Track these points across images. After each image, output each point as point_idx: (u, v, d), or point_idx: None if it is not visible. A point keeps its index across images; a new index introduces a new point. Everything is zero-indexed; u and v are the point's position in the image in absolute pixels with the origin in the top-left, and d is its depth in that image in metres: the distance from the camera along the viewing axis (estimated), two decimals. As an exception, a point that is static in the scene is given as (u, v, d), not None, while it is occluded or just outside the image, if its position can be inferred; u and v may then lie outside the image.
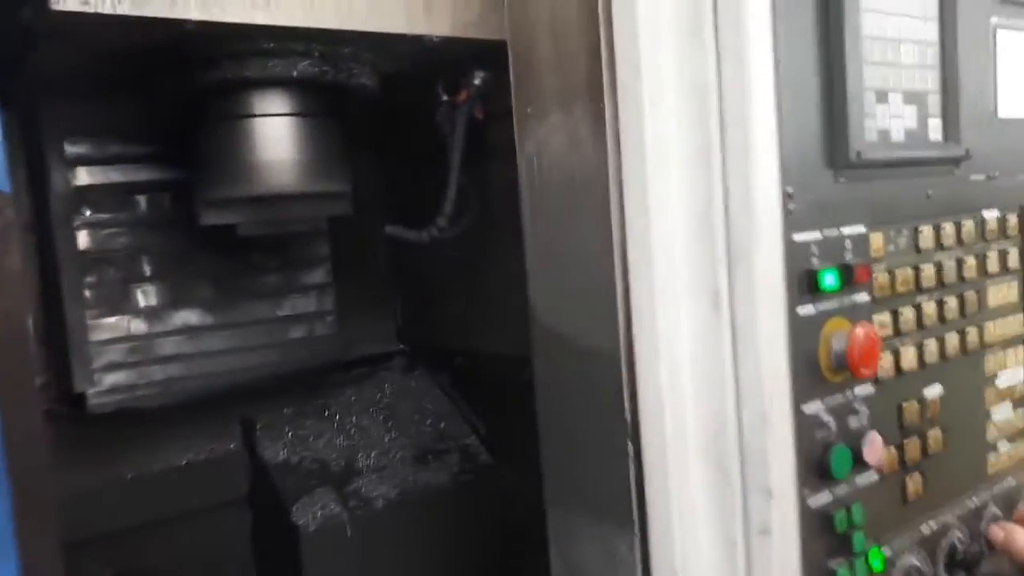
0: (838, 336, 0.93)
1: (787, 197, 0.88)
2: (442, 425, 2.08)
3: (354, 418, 2.04)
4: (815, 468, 0.93)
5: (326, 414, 2.01)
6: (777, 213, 0.89)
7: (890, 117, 1.02)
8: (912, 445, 1.07)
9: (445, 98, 1.48)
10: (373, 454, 1.97)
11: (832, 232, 0.95)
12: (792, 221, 0.90)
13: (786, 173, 0.89)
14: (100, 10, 1.02)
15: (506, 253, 1.74)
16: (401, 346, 2.20)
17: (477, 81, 1.41)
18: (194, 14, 1.08)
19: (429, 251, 1.66)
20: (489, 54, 1.41)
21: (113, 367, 1.60)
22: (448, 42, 1.31)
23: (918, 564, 1.04)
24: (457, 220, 1.48)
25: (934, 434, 1.12)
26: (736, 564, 0.93)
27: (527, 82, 1.12)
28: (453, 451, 2.02)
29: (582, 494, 1.10)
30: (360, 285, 2.09)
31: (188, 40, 1.18)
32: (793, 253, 0.90)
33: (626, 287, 0.96)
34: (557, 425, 1.16)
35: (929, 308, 1.09)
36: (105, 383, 1.59)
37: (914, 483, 1.07)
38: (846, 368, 0.93)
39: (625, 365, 0.99)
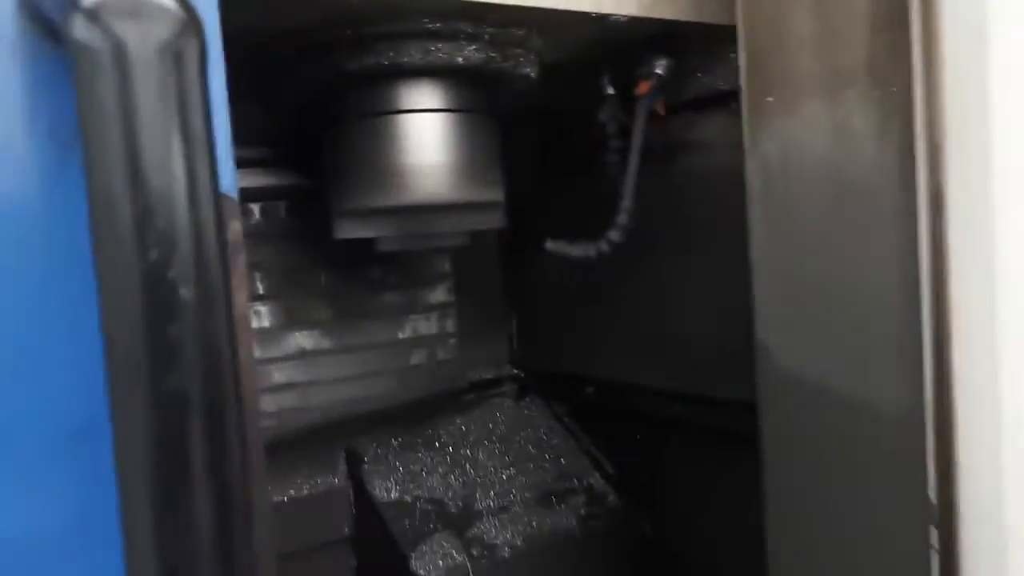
0: None
1: None
2: (563, 461, 1.87)
3: (467, 451, 1.84)
4: None
5: (436, 446, 1.82)
6: None
7: None
8: None
9: (611, 91, 1.27)
10: (492, 493, 1.77)
11: None
12: None
13: None
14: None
15: (654, 272, 1.55)
16: (514, 371, 2.00)
17: (659, 70, 1.19)
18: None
19: (551, 268, 1.46)
20: (666, 39, 1.20)
21: (222, 397, 1.42)
22: (632, 23, 1.10)
23: None
24: (627, 233, 1.26)
25: None
26: None
27: (766, 66, 0.90)
28: (578, 491, 1.81)
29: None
30: (476, 305, 1.90)
31: (343, 19, 0.99)
32: None
33: (940, 329, 0.73)
34: (798, 496, 0.92)
35: None
36: (213, 415, 1.41)
37: None
38: None
39: (933, 429, 0.76)
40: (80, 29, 0.48)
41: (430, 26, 1.02)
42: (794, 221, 0.88)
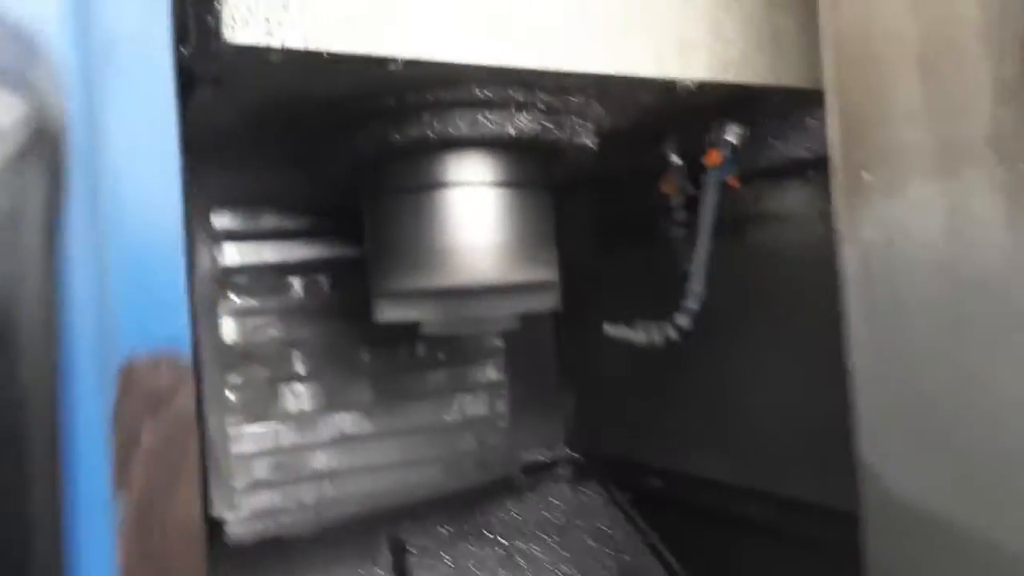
0: None
1: None
2: (626, 558, 1.71)
3: (521, 544, 1.70)
4: None
5: (488, 537, 1.69)
6: None
7: None
8: None
9: (677, 161, 1.16)
10: (549, 592, 1.62)
11: None
12: None
13: None
14: (288, 44, 0.75)
15: (727, 356, 1.41)
16: (570, 453, 1.86)
17: (731, 138, 1.08)
18: (406, 50, 0.80)
19: (609, 342, 1.33)
20: (739, 103, 1.09)
21: (257, 487, 1.32)
22: (703, 88, 0.99)
23: None
24: (695, 317, 1.13)
25: None
26: None
27: (864, 137, 0.78)
28: (644, 594, 1.65)
29: None
30: (529, 383, 1.78)
31: (385, 87, 0.91)
32: None
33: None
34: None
35: None
36: (246, 508, 1.31)
37: None
38: None
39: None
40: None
41: (479, 94, 0.93)
42: (903, 323, 0.74)
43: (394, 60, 0.80)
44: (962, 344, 0.69)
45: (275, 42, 0.74)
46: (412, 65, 0.82)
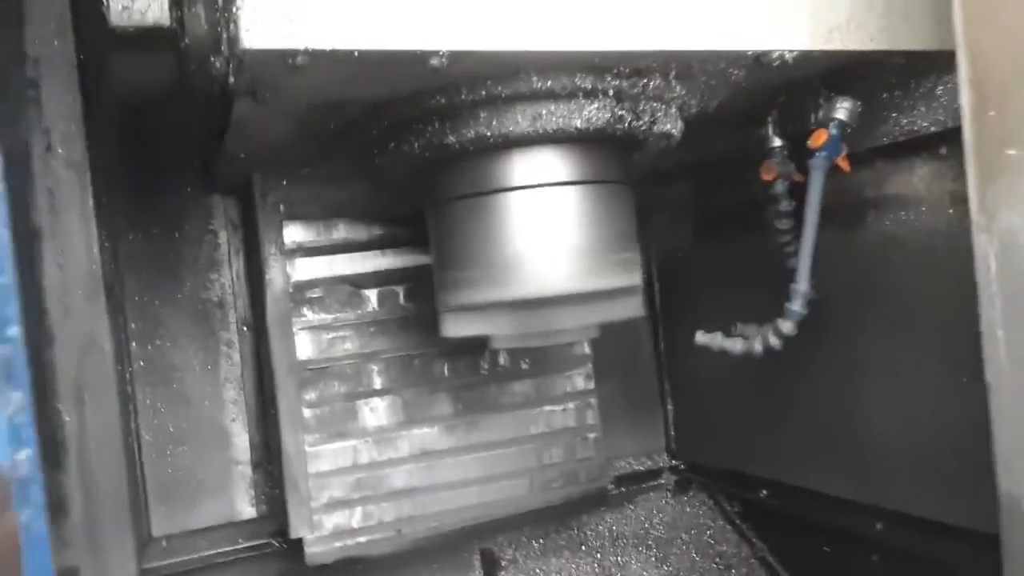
0: None
1: None
2: (733, 573, 1.58)
3: (617, 558, 1.60)
4: None
5: (583, 549, 1.60)
6: None
7: None
8: None
9: (779, 143, 1.02)
10: (645, 611, 1.51)
11: None
12: None
13: None
14: (312, 46, 0.67)
15: (843, 359, 1.23)
16: (672, 462, 1.74)
17: (840, 114, 0.93)
18: (446, 42, 0.71)
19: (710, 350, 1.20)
20: (848, 74, 0.94)
21: (336, 506, 1.28)
22: (801, 59, 0.85)
23: None
24: (801, 318, 0.99)
25: None
26: None
27: (1006, 106, 0.63)
28: (754, 610, 1.52)
29: None
30: (623, 388, 1.67)
31: (433, 84, 0.82)
32: None
33: None
34: None
35: None
36: (327, 527, 1.27)
37: None
38: None
39: None
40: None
41: (539, 85, 0.82)
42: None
43: (436, 53, 0.71)
44: None
45: (297, 44, 0.66)
46: (458, 58, 0.72)
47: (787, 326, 0.97)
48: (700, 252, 1.53)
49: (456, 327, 1.00)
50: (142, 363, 1.31)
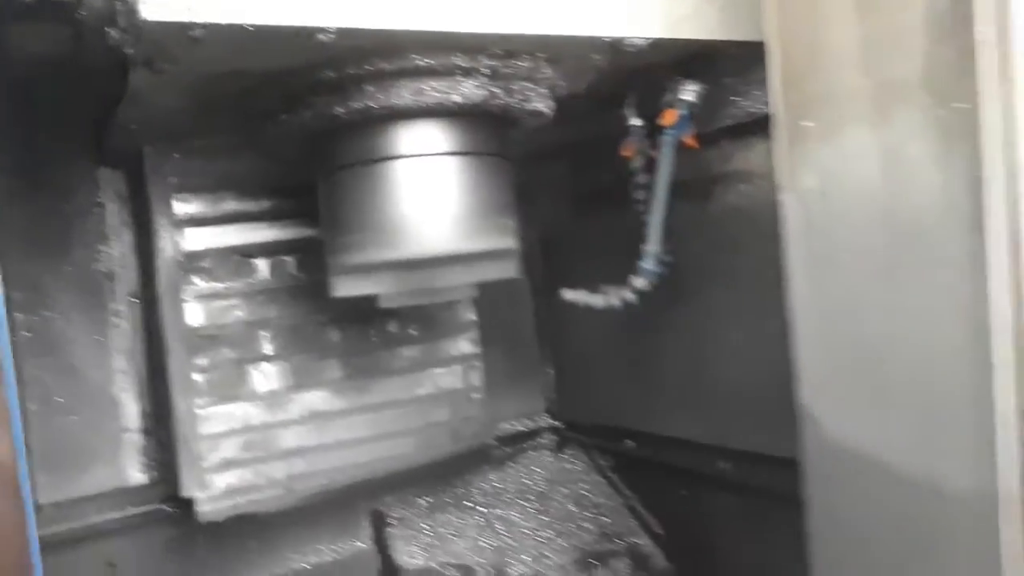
0: None
1: None
2: (606, 520, 1.73)
3: (500, 511, 1.72)
4: None
5: (467, 505, 1.71)
6: None
7: None
8: None
9: (636, 122, 1.15)
10: (526, 559, 1.64)
11: None
12: None
13: None
14: (209, 19, 0.73)
15: (695, 316, 1.39)
16: (552, 422, 1.87)
17: (688, 96, 1.06)
18: (333, 19, 0.79)
19: (587, 312, 1.33)
20: (700, 60, 1.08)
21: (227, 465, 1.33)
22: (655, 46, 0.97)
23: None
24: (654, 279, 1.13)
25: None
26: None
27: (801, 85, 0.77)
28: (622, 554, 1.67)
29: None
30: (506, 354, 1.78)
31: (321, 58, 0.89)
32: None
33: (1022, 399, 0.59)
34: (847, 572, 0.78)
35: None
36: (218, 486, 1.32)
37: None
38: None
39: (1021, 518, 0.61)
40: None
41: (420, 63, 0.91)
42: (841, 269, 0.74)
43: (323, 30, 0.79)
44: (897, 289, 0.68)
45: (195, 17, 0.72)
46: (345, 35, 0.80)
47: (640, 282, 1.11)
48: (578, 226, 1.66)
49: (345, 287, 1.08)
50: (28, 334, 1.31)
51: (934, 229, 0.67)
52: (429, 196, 1.00)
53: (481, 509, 1.72)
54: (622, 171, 1.24)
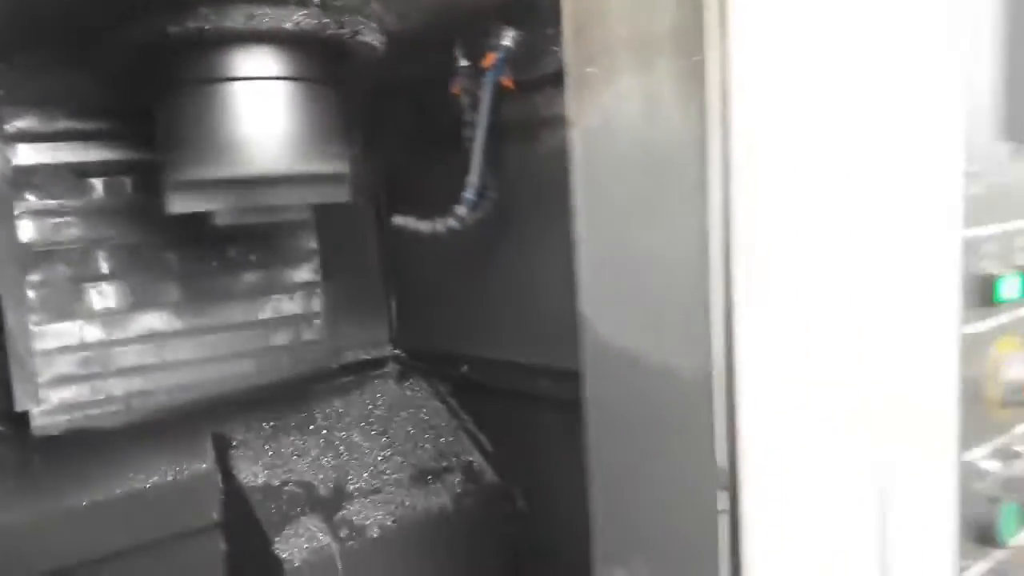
0: (1014, 360, 0.72)
1: (970, 178, 0.67)
2: (442, 440, 1.86)
3: (343, 433, 1.81)
4: (976, 530, 0.72)
5: (311, 428, 1.79)
6: (952, 200, 0.67)
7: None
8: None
9: (464, 63, 1.24)
10: (365, 475, 1.74)
11: (1011, 226, 0.73)
12: (973, 209, 0.68)
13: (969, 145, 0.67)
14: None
15: (520, 248, 1.55)
16: (395, 351, 1.97)
17: (506, 41, 1.17)
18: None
19: (428, 245, 1.44)
20: (519, 9, 1.18)
21: (62, 381, 1.35)
22: (473, -6, 1.07)
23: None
24: (475, 210, 1.24)
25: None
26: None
27: (587, 35, 0.89)
28: (455, 470, 1.81)
29: (650, 553, 0.88)
30: (349, 283, 1.86)
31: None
32: (971, 251, 0.68)
33: (728, 296, 0.74)
34: (615, 464, 0.93)
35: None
36: (53, 400, 1.34)
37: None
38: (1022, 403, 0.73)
39: (723, 394, 0.77)
40: None
41: (252, -8, 0.97)
42: (612, 196, 0.87)
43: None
44: (650, 211, 0.82)
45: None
46: (174, -47, 0.85)
47: (461, 210, 1.22)
48: (419, 160, 1.74)
49: (180, 203, 1.13)
50: None
51: (677, 161, 0.80)
52: (260, 117, 1.07)
53: (323, 432, 1.81)
54: (455, 110, 1.34)
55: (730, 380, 0.77)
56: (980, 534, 0.73)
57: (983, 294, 0.71)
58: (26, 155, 1.33)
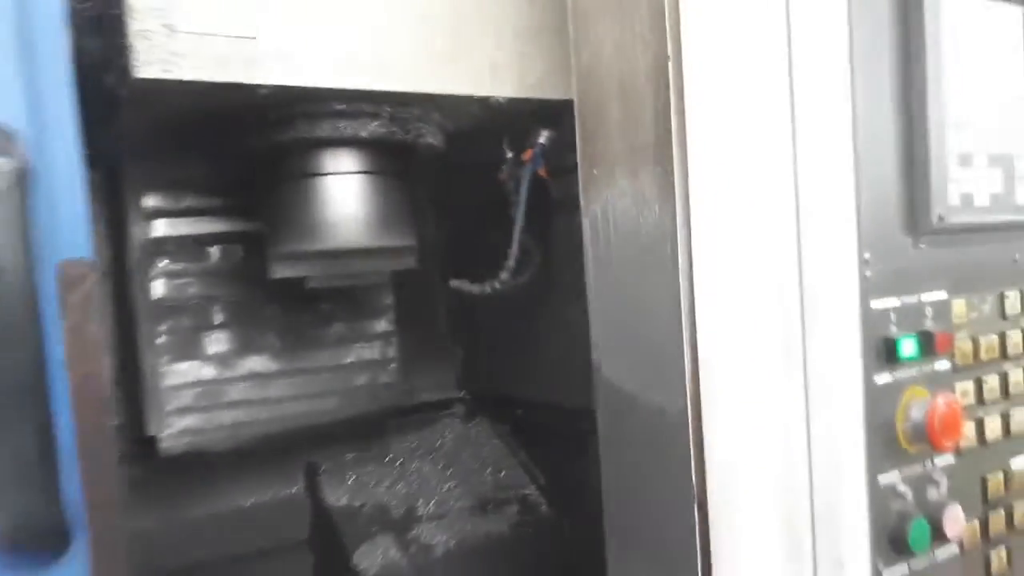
0: (917, 405, 0.90)
1: (864, 263, 0.86)
2: (502, 474, 2.07)
3: (414, 464, 2.05)
4: (891, 540, 0.90)
5: (387, 460, 2.03)
6: (854, 279, 0.87)
7: (974, 180, 0.99)
8: (996, 519, 1.02)
9: (510, 155, 1.50)
10: (433, 502, 1.97)
11: (912, 299, 0.92)
12: (870, 287, 0.88)
13: (863, 238, 0.87)
14: (181, 76, 1.06)
15: (563, 306, 1.76)
16: (461, 394, 2.21)
17: (542, 139, 1.42)
18: (270, 79, 1.13)
19: (489, 302, 1.68)
20: (553, 113, 1.43)
21: (183, 411, 1.64)
22: (513, 103, 1.33)
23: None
24: (519, 273, 1.48)
25: (1021, 507, 1.06)
26: (808, 643, 0.89)
27: (593, 143, 1.13)
28: (512, 501, 2.01)
29: (645, 550, 1.08)
30: (422, 334, 2.11)
31: (264, 102, 1.23)
32: (870, 320, 0.88)
33: (694, 346, 0.95)
34: (621, 480, 1.14)
35: (1016, 376, 1.05)
36: (176, 426, 1.63)
37: (999, 558, 1.02)
38: (925, 439, 0.90)
39: (692, 425, 0.97)
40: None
41: (338, 107, 1.25)
42: (612, 264, 1.10)
43: (262, 86, 1.12)
44: (643, 275, 1.03)
45: (171, 76, 1.05)
46: (278, 89, 1.14)
47: (504, 275, 1.46)
48: (476, 229, 2.00)
49: (281, 270, 1.42)
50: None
51: (657, 243, 1.03)
52: (344, 203, 1.35)
53: (397, 463, 2.05)
54: (503, 191, 1.60)
55: (696, 413, 0.97)
56: (896, 544, 0.91)
57: (888, 352, 0.89)
58: (159, 228, 1.65)
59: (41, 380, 0.83)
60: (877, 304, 0.89)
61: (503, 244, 1.60)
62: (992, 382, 1.03)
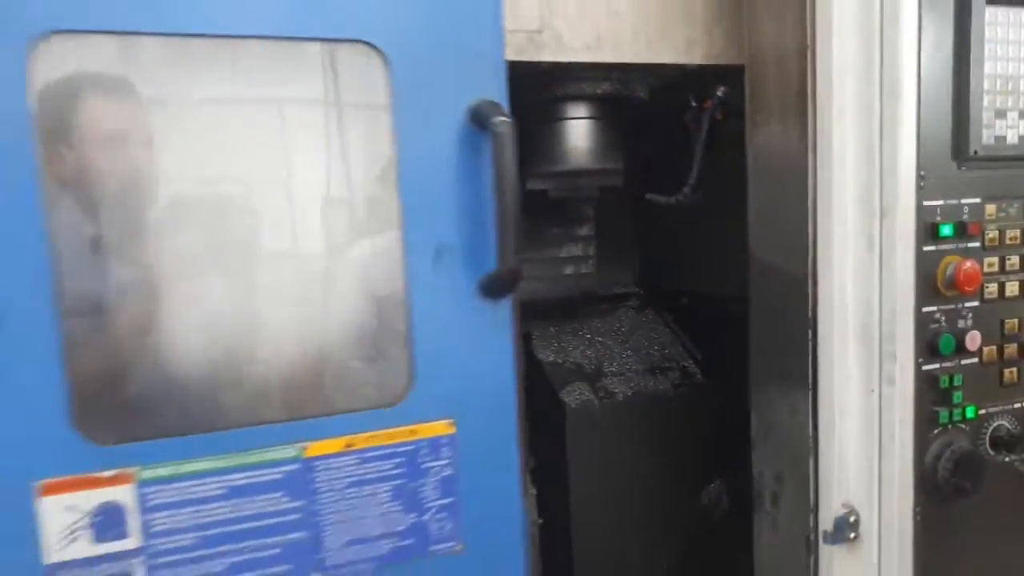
0: (951, 266, 1.47)
1: (920, 178, 1.44)
2: (666, 350, 2.70)
3: (600, 339, 2.69)
4: (927, 346, 1.48)
5: (580, 332, 2.70)
6: (912, 188, 1.45)
7: (1007, 127, 1.52)
8: (1011, 348, 1.57)
9: (694, 104, 2.11)
10: (615, 363, 2.62)
11: (953, 201, 1.49)
12: (923, 193, 1.45)
13: (921, 162, 1.45)
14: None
15: (724, 216, 2.24)
16: (637, 289, 2.85)
17: (719, 93, 2.01)
18: (549, 56, 1.79)
19: (668, 213, 2.28)
20: (728, 74, 2.01)
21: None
22: (701, 67, 1.93)
23: (1008, 425, 1.55)
24: (696, 191, 2.10)
25: (1031, 342, 1.58)
26: (872, 405, 1.50)
27: (757, 98, 1.73)
28: (675, 369, 2.59)
29: (777, 371, 1.70)
30: (612, 240, 2.71)
31: (542, 75, 1.89)
32: (923, 213, 1.46)
33: (815, 236, 1.55)
34: (765, 327, 1.76)
35: (1033, 256, 1.56)
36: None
37: (1010, 373, 1.57)
38: (955, 286, 1.47)
39: (811, 284, 1.58)
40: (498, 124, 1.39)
41: (584, 73, 1.91)
42: (766, 184, 1.70)
43: (546, 62, 1.79)
44: (785, 192, 1.65)
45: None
46: (554, 64, 1.80)
47: (686, 190, 2.08)
48: (664, 158, 2.59)
49: (534, 183, 2.11)
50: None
51: (797, 170, 1.64)
52: (579, 138, 2.01)
53: (587, 336, 2.71)
54: (688, 131, 2.19)
55: (814, 277, 1.58)
56: (932, 349, 1.50)
57: (933, 232, 1.47)
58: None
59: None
60: (928, 203, 1.46)
61: (684, 169, 2.21)
62: (1013, 259, 1.56)
